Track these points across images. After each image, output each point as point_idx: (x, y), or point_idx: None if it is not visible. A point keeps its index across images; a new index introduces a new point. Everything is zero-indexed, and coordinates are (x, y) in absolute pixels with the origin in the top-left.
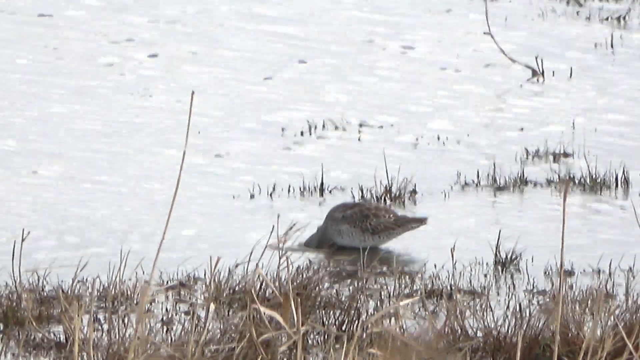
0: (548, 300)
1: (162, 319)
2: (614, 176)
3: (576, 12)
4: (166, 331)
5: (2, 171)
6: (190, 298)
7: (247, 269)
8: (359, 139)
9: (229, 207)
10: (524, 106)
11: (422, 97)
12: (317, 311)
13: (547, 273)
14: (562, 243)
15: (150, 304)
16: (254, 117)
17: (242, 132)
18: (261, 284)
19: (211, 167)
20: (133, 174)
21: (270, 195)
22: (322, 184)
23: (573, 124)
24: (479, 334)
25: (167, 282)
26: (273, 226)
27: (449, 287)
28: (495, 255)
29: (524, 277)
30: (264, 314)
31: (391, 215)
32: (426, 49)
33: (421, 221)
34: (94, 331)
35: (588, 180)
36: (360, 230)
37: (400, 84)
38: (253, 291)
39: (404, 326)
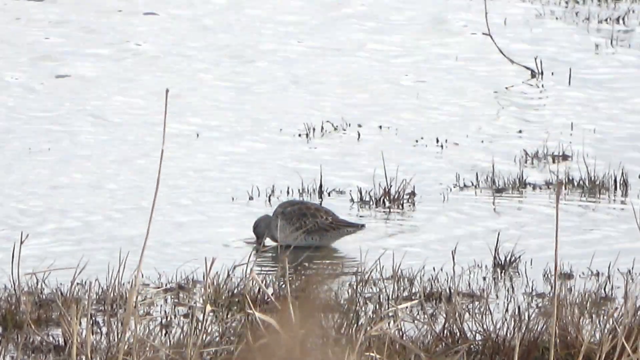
0: (547, 303)
1: (161, 321)
2: (613, 178)
3: (575, 13)
4: (165, 334)
5: None
6: (189, 301)
7: (245, 272)
8: (358, 140)
9: (228, 209)
10: (522, 108)
11: (420, 99)
12: (316, 314)
13: (546, 276)
14: (557, 244)
15: (149, 306)
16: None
17: (240, 133)
18: (259, 287)
19: (210, 169)
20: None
21: (269, 197)
22: (320, 186)
23: (572, 125)
24: (478, 336)
25: (166, 284)
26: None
27: (447, 290)
28: (494, 257)
29: (522, 280)
30: (258, 318)
31: (329, 218)
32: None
33: (358, 227)
34: (92, 334)
35: (587, 183)
36: (294, 229)
37: (398, 86)
38: (249, 295)
39: (403, 329)
